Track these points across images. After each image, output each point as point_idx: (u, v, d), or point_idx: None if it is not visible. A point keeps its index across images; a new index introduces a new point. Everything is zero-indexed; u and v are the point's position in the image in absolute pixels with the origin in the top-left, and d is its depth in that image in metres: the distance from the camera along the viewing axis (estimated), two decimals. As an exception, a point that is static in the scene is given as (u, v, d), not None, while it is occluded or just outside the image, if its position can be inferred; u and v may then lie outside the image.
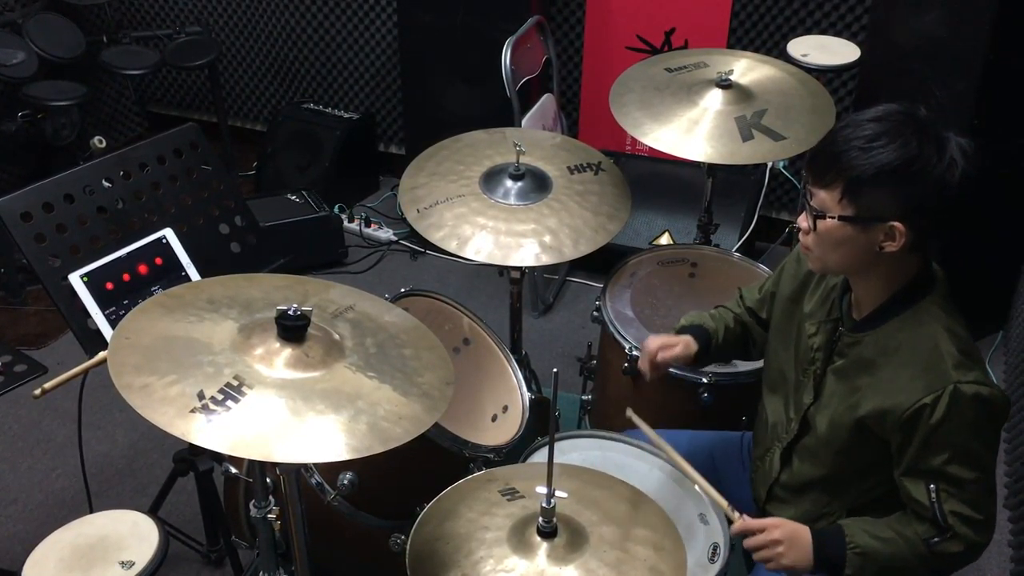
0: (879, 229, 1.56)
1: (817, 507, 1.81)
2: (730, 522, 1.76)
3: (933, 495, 1.60)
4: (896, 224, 1.54)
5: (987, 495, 1.63)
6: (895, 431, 1.62)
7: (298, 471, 1.68)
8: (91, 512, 2.05)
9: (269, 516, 1.78)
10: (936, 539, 1.63)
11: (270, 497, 1.78)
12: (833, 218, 1.57)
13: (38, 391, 1.83)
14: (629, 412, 1.90)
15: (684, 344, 1.97)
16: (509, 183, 2.25)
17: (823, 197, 1.58)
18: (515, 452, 2.09)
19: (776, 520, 1.73)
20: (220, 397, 1.40)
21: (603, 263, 2.55)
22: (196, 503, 2.40)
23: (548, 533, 1.46)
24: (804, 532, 1.70)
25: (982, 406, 1.57)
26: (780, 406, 1.88)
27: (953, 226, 1.59)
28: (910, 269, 1.64)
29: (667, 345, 1.97)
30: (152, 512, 2.15)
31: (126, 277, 2.00)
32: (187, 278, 2.09)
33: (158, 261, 2.06)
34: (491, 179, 2.28)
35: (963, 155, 1.52)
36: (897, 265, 1.62)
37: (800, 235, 1.68)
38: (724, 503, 1.77)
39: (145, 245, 2.05)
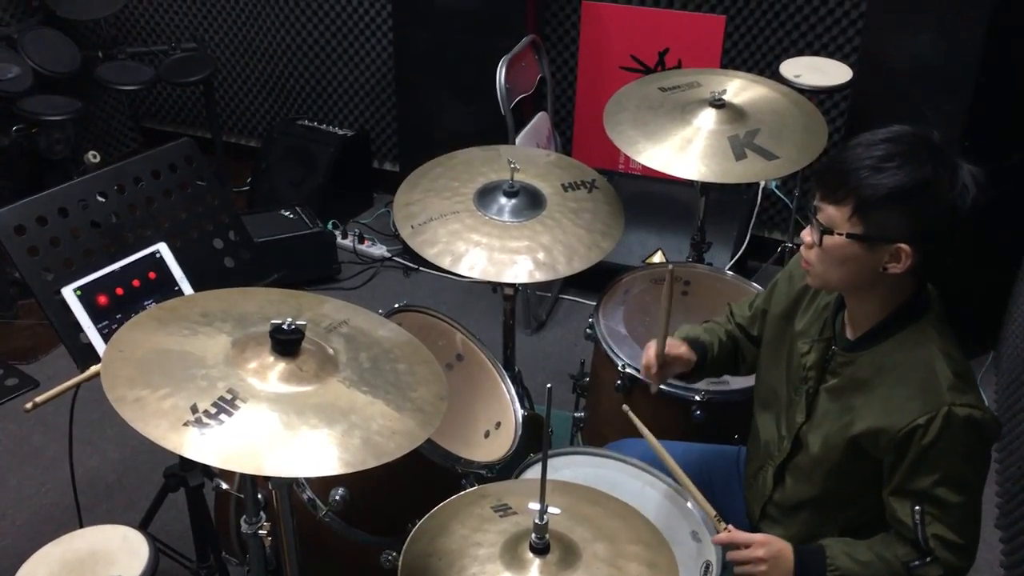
0: (885, 250, 1.56)
1: (809, 528, 1.81)
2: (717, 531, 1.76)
3: (917, 517, 1.60)
4: (903, 246, 1.54)
5: (971, 521, 1.63)
6: (888, 451, 1.62)
7: (290, 486, 1.68)
8: (81, 527, 2.04)
9: (260, 532, 1.77)
10: (916, 562, 1.62)
11: (261, 513, 1.78)
12: (841, 235, 1.58)
13: (29, 405, 1.81)
14: (626, 407, 1.90)
15: (687, 348, 1.97)
16: (503, 200, 2.26)
17: (831, 213, 1.58)
18: (508, 468, 2.09)
19: (763, 537, 1.73)
20: (213, 410, 1.40)
21: (596, 281, 2.55)
22: (187, 519, 2.38)
23: (541, 549, 1.45)
24: (787, 552, 1.70)
25: (974, 429, 1.57)
26: (772, 424, 1.88)
27: (957, 252, 1.60)
28: (906, 290, 1.64)
29: (671, 346, 1.96)
30: (142, 527, 2.14)
31: (119, 291, 2.00)
32: (180, 293, 2.08)
33: (152, 275, 2.05)
34: (485, 196, 2.29)
35: (975, 182, 1.53)
36: (895, 286, 1.63)
37: (803, 249, 1.67)
38: (712, 512, 1.77)
39: (139, 259, 2.05)
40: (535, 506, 1.44)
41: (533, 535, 1.45)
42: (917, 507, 1.60)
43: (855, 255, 1.58)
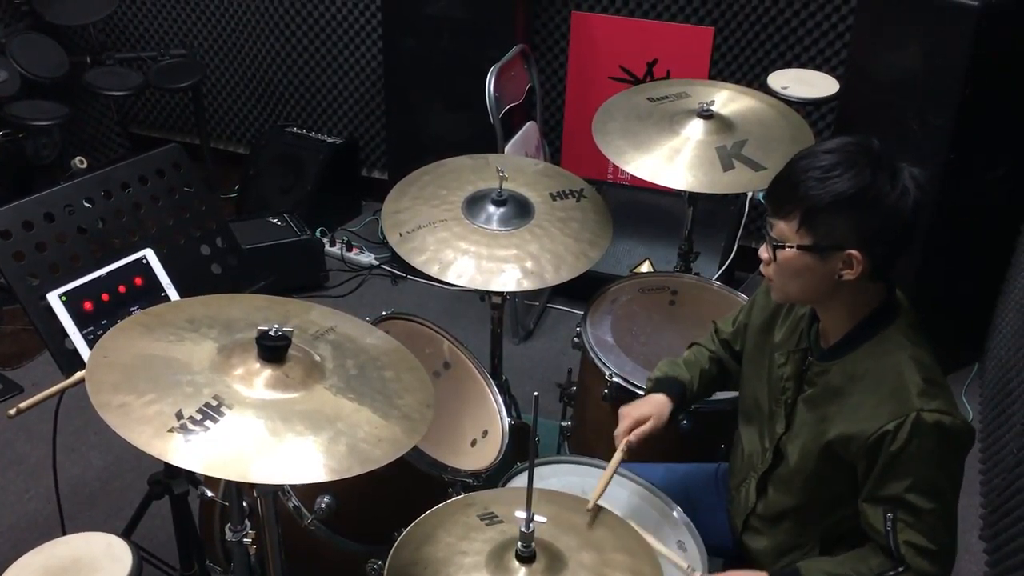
0: (837, 257, 1.58)
1: (791, 538, 1.82)
2: None
3: (889, 524, 1.61)
4: (853, 252, 1.56)
5: (944, 527, 1.63)
6: (860, 457, 1.63)
7: (275, 494, 1.67)
8: (64, 534, 2.02)
9: (245, 540, 1.77)
10: (890, 573, 1.63)
11: (246, 521, 1.77)
12: (792, 247, 1.60)
13: (12, 411, 1.80)
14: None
15: (655, 417, 1.93)
16: (492, 208, 2.26)
17: (782, 227, 1.61)
18: (494, 477, 2.08)
19: (731, 574, 1.75)
20: (199, 417, 1.40)
21: (584, 290, 2.56)
22: (171, 526, 2.36)
23: (527, 558, 1.46)
24: None
25: (944, 435, 1.57)
26: (755, 436, 1.89)
27: (907, 253, 1.62)
28: (874, 298, 1.66)
29: (638, 423, 1.93)
30: (126, 535, 2.12)
31: (105, 297, 1.99)
32: (167, 299, 2.07)
33: (138, 281, 2.05)
34: (474, 204, 2.29)
35: (915, 184, 1.55)
36: (859, 294, 1.64)
37: (762, 266, 1.70)
38: (684, 564, 1.78)
39: (125, 265, 2.04)
40: (521, 514, 1.44)
41: (519, 543, 1.46)
42: (889, 514, 1.61)
43: (808, 266, 1.60)
